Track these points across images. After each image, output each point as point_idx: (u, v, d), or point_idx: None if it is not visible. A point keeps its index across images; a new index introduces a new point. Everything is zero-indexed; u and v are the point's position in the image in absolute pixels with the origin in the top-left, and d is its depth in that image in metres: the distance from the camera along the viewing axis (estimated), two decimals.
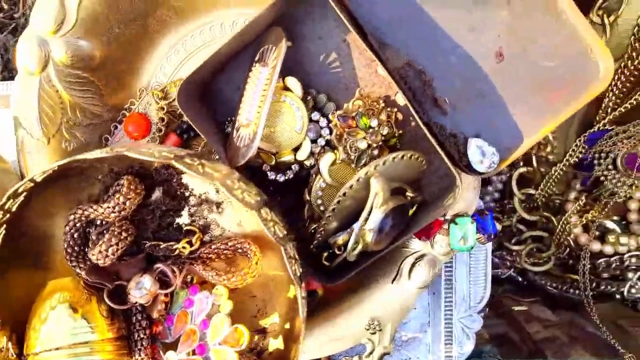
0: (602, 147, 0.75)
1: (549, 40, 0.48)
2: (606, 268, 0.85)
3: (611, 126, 0.75)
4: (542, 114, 0.48)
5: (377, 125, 0.49)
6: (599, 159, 0.76)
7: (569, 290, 0.88)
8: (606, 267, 0.85)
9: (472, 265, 0.59)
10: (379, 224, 0.46)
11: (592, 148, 0.76)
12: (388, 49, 0.48)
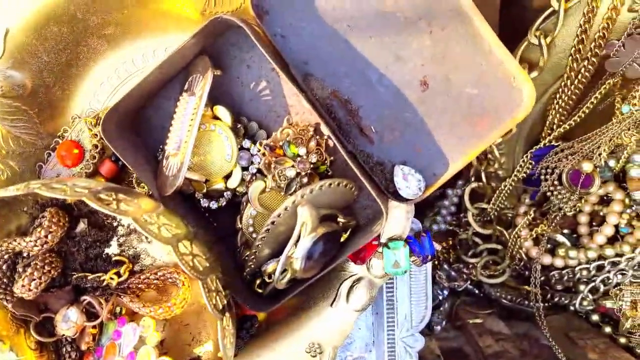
0: (548, 163, 0.76)
1: (472, 69, 0.48)
2: (559, 280, 0.86)
3: (557, 142, 0.76)
4: (467, 140, 0.49)
5: (305, 153, 0.49)
6: (546, 175, 0.77)
7: (524, 302, 0.89)
8: (559, 280, 0.86)
9: (413, 285, 0.59)
10: (308, 252, 0.46)
11: (538, 164, 0.77)
12: (313, 80, 0.48)
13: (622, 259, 0.78)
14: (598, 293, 0.82)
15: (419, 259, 0.53)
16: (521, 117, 0.48)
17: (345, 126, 0.49)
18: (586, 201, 0.81)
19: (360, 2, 0.47)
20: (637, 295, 0.77)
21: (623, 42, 0.63)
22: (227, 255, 0.52)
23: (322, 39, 0.48)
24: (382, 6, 0.47)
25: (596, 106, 0.72)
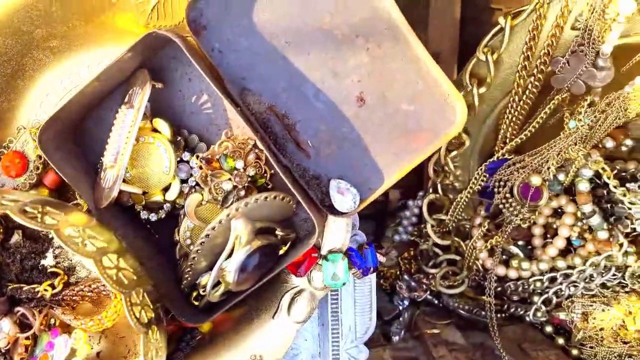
0: (501, 176, 0.76)
1: (408, 86, 0.49)
2: (514, 291, 0.87)
3: (510, 156, 0.77)
4: (402, 155, 0.49)
5: (243, 166, 0.49)
6: (499, 187, 0.78)
7: (481, 313, 0.89)
8: (514, 291, 0.86)
9: (357, 297, 0.59)
10: (241, 265, 0.46)
11: (492, 177, 0.78)
12: (250, 95, 0.48)
13: (573, 271, 0.79)
14: (551, 305, 0.82)
15: (359, 271, 0.54)
16: (454, 134, 0.49)
17: (281, 140, 0.49)
18: (540, 213, 0.81)
19: (298, 19, 0.47)
20: (588, 307, 0.78)
21: (567, 59, 0.64)
22: (168, 267, 0.51)
23: (260, 54, 0.48)
24: (319, 23, 0.48)
25: (546, 121, 0.73)
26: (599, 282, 0.78)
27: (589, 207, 0.73)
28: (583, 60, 0.62)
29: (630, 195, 0.68)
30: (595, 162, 0.70)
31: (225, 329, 0.57)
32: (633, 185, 0.69)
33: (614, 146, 0.74)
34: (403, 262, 0.97)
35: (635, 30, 0.58)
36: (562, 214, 0.79)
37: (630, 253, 0.75)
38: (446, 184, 0.85)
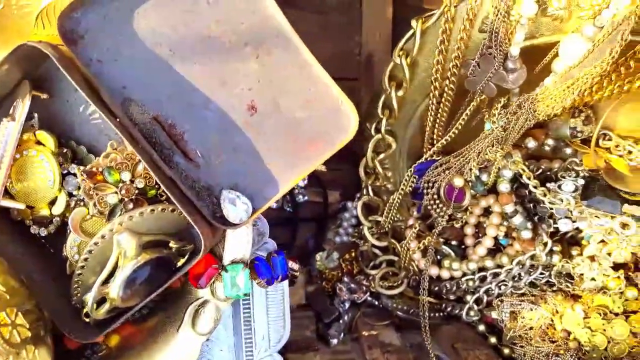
0: (429, 177, 0.75)
1: (301, 94, 0.47)
2: (450, 291, 0.86)
3: (438, 157, 0.76)
4: (296, 162, 0.48)
5: (130, 178, 0.47)
6: (427, 189, 0.77)
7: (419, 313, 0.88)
8: (450, 290, 0.86)
9: (270, 305, 0.58)
10: (128, 280, 0.44)
11: (422, 178, 0.77)
12: (133, 105, 0.46)
13: (502, 270, 0.79)
14: (482, 304, 0.82)
15: (263, 280, 0.52)
16: (347, 141, 0.48)
17: (167, 151, 0.47)
18: (471, 213, 0.81)
19: (183, 27, 0.46)
20: (516, 306, 0.78)
21: (477, 61, 0.63)
22: (61, 283, 0.50)
23: (142, 63, 0.46)
24: (206, 31, 0.46)
25: (468, 122, 0.72)
26: (527, 281, 0.78)
27: (510, 207, 0.72)
28: (492, 63, 0.61)
29: (550, 195, 0.67)
30: (515, 163, 0.69)
31: (134, 342, 0.56)
32: (553, 185, 0.68)
33: (536, 146, 0.73)
34: (345, 264, 0.96)
35: (541, 32, 0.58)
36: (491, 213, 0.78)
37: (555, 252, 0.74)
38: (377, 186, 0.84)
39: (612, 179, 0.66)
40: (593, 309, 0.72)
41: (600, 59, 0.52)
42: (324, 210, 0.96)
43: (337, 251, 0.98)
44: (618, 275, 0.70)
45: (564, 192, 0.67)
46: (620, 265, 0.72)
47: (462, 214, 0.83)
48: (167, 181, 0.45)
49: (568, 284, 0.75)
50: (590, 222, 0.66)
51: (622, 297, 0.71)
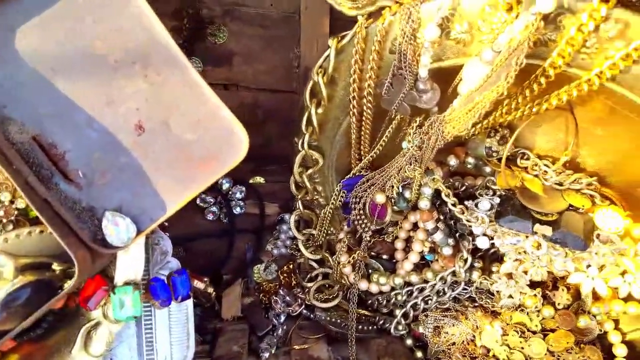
0: (357, 193, 0.75)
1: (191, 114, 0.46)
2: (381, 304, 0.85)
3: (367, 172, 0.76)
4: (185, 183, 0.47)
5: (9, 199, 0.45)
6: (354, 204, 0.76)
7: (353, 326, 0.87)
8: (381, 304, 0.85)
9: (173, 325, 0.56)
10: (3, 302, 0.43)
11: (351, 193, 0.76)
12: (12, 124, 0.44)
13: (427, 285, 0.78)
14: (409, 318, 0.81)
15: (157, 302, 0.51)
16: (238, 161, 0.47)
17: (45, 172, 0.45)
18: (401, 228, 0.80)
19: (66, 45, 0.44)
20: (440, 321, 0.77)
21: (390, 82, 0.62)
22: None
23: (23, 82, 0.44)
24: (91, 49, 0.45)
25: (392, 139, 0.71)
26: (450, 297, 0.77)
27: (431, 224, 0.72)
28: (404, 83, 0.61)
29: (467, 213, 0.67)
30: (434, 181, 0.68)
31: None
32: (471, 203, 0.68)
33: (458, 163, 0.73)
34: (283, 276, 0.95)
35: (447, 55, 0.57)
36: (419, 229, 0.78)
37: (475, 269, 0.74)
38: (308, 200, 0.83)
39: (526, 199, 0.66)
40: (511, 326, 0.71)
41: (497, 84, 0.51)
42: (261, 222, 0.95)
43: (275, 263, 0.97)
44: (535, 293, 0.70)
45: (480, 210, 0.67)
46: (538, 284, 0.72)
47: (393, 228, 0.82)
48: (39, 203, 0.43)
49: (488, 300, 0.74)
50: (503, 241, 0.65)
51: (540, 315, 0.70)
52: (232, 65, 0.89)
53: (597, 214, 0.62)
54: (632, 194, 0.65)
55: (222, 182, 0.92)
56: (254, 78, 0.90)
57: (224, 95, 0.91)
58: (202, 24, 0.90)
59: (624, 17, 0.46)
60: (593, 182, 0.66)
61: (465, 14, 0.53)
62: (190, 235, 0.93)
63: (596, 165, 0.66)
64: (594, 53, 0.49)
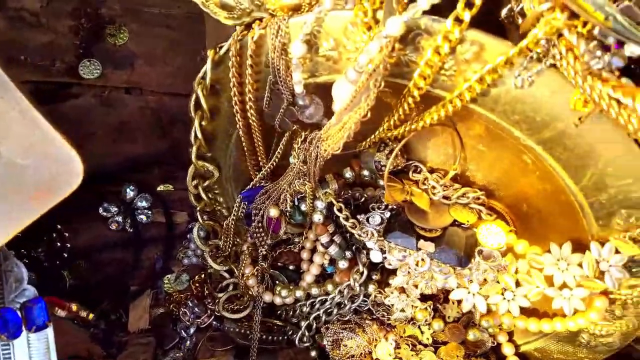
0: (257, 204, 0.73)
1: (23, 139, 0.43)
2: (289, 315, 0.85)
3: (267, 183, 0.74)
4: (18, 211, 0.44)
5: None
6: (255, 216, 0.75)
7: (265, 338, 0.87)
8: (289, 315, 0.85)
9: (33, 355, 0.54)
10: None
11: (251, 204, 0.74)
12: None
13: (327, 298, 0.78)
14: (312, 330, 0.81)
15: (3, 335, 0.48)
16: (75, 187, 0.44)
17: None
18: (307, 238, 0.79)
19: None
20: (339, 333, 0.77)
21: (269, 96, 0.60)
22: None
23: None
24: None
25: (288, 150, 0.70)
26: (350, 309, 0.78)
27: (325, 238, 0.71)
28: (282, 99, 0.59)
29: (359, 227, 0.66)
30: (326, 194, 0.68)
31: None
32: (362, 217, 0.67)
33: (353, 176, 0.72)
34: (194, 286, 0.93)
35: (319, 71, 0.55)
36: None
37: (372, 282, 0.74)
38: (207, 211, 0.81)
39: (413, 215, 0.66)
40: (404, 339, 0.72)
41: (360, 105, 0.50)
42: (170, 231, 0.92)
43: (186, 273, 0.95)
44: (425, 306, 0.71)
45: (370, 225, 0.67)
46: (430, 297, 0.73)
47: (299, 239, 0.81)
48: None
49: (384, 313, 0.75)
50: (391, 256, 0.65)
51: (430, 328, 0.71)
52: (134, 67, 0.86)
53: (481, 230, 0.63)
54: (520, 208, 0.66)
55: (126, 191, 0.89)
56: (158, 81, 0.87)
57: (127, 99, 0.88)
58: (101, 24, 0.86)
59: (479, 40, 0.46)
60: (480, 196, 0.66)
61: (330, 31, 0.51)
62: (95, 246, 0.91)
63: (484, 179, 0.66)
64: (453, 75, 0.49)
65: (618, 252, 0.52)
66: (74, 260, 0.89)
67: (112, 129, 0.87)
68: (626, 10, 0.36)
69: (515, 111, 0.48)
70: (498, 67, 0.45)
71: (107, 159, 0.88)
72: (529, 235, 0.64)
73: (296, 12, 0.54)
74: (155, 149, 0.88)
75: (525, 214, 0.66)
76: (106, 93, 0.86)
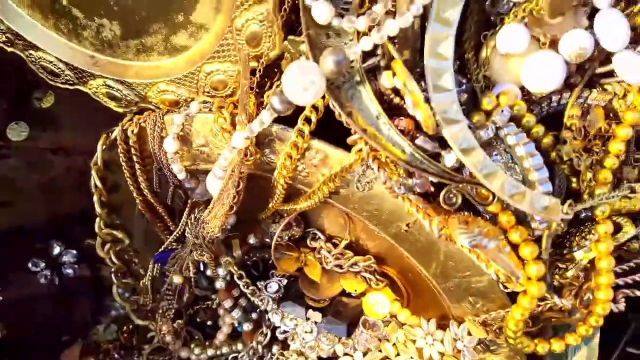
0: (168, 267, 0.77)
1: None
2: None
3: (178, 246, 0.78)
4: None
5: None
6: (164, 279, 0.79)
7: None
8: None
9: None
10: None
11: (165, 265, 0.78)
12: None
13: (238, 356, 0.82)
14: None
15: None
16: None
17: None
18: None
19: None
20: None
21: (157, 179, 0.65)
22: None
23: None
24: None
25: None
26: None
27: (228, 303, 0.75)
28: (169, 182, 0.63)
29: (257, 295, 0.70)
30: (226, 264, 0.72)
31: None
32: (262, 285, 0.72)
33: (257, 242, 0.76)
34: (123, 336, 0.97)
35: (198, 162, 0.60)
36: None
37: (276, 342, 0.78)
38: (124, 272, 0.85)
39: (305, 284, 0.70)
40: None
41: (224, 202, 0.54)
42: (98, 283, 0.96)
43: (115, 323, 0.99)
44: None
45: (268, 292, 0.71)
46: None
47: (216, 296, 0.85)
48: None
49: None
50: (283, 325, 0.70)
51: None
52: (60, 130, 0.90)
53: (366, 299, 0.67)
54: (407, 276, 0.70)
55: (53, 246, 0.93)
56: (83, 143, 0.91)
57: (54, 159, 0.92)
58: (28, 88, 0.90)
59: (323, 149, 0.50)
60: (372, 264, 0.70)
61: (200, 130, 0.56)
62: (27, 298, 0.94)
63: (375, 248, 0.71)
64: (307, 175, 0.53)
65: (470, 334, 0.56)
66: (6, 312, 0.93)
67: (39, 187, 0.91)
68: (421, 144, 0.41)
69: (364, 209, 0.53)
70: (339, 174, 0.50)
71: (35, 216, 0.92)
72: (418, 302, 0.68)
73: (175, 106, 0.59)
74: (81, 206, 0.92)
75: (413, 282, 0.70)
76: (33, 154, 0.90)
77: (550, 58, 0.40)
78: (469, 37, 0.43)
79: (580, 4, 0.42)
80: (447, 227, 0.41)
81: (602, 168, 0.42)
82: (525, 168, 0.39)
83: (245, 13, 0.46)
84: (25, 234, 0.91)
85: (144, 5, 0.52)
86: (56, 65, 0.61)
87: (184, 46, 0.54)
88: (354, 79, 0.41)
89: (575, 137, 0.42)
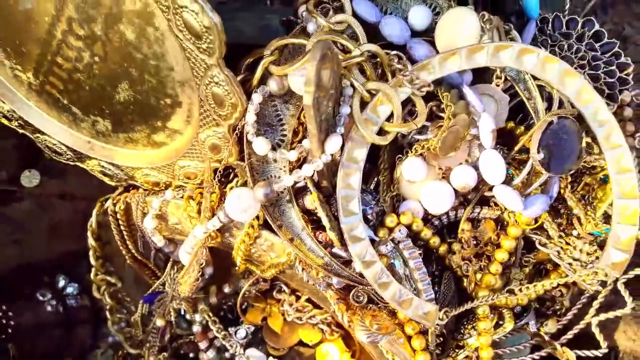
0: (156, 307, 0.89)
1: None
2: None
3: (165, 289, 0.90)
4: None
5: None
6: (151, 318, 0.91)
7: None
8: None
9: None
10: None
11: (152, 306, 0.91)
12: None
13: None
14: None
15: None
16: None
17: None
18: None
19: None
20: None
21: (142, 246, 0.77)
22: None
23: None
24: None
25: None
26: None
27: (204, 344, 0.87)
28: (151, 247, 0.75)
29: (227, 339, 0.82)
30: (202, 311, 0.83)
31: None
32: (232, 330, 0.83)
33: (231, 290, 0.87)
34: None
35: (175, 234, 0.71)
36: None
37: None
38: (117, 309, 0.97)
39: (268, 333, 0.81)
40: None
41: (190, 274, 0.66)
42: (97, 313, 1.10)
43: (111, 348, 1.12)
44: None
45: (236, 338, 0.82)
46: None
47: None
48: None
49: None
50: None
51: None
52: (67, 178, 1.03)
53: (320, 349, 0.78)
54: None
55: (58, 279, 1.07)
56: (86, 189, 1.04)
57: (60, 204, 1.06)
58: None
59: (270, 238, 0.61)
60: (328, 316, 0.81)
61: (174, 212, 0.68)
62: (34, 324, 1.08)
63: None
64: (259, 257, 0.64)
65: None
66: (17, 335, 1.07)
67: (47, 228, 1.05)
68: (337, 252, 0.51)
69: (305, 287, 0.64)
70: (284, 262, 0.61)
71: (43, 253, 1.06)
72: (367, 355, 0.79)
73: (156, 186, 0.71)
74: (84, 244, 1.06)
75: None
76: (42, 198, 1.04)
77: (442, 188, 0.51)
78: (382, 162, 0.54)
79: (474, 137, 0.52)
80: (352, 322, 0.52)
81: (487, 273, 0.52)
82: (414, 278, 0.49)
83: (207, 130, 0.58)
84: (34, 268, 1.06)
85: (130, 111, 0.63)
86: (59, 147, 0.73)
87: (162, 142, 0.65)
88: (284, 198, 0.52)
89: (464, 247, 0.52)
